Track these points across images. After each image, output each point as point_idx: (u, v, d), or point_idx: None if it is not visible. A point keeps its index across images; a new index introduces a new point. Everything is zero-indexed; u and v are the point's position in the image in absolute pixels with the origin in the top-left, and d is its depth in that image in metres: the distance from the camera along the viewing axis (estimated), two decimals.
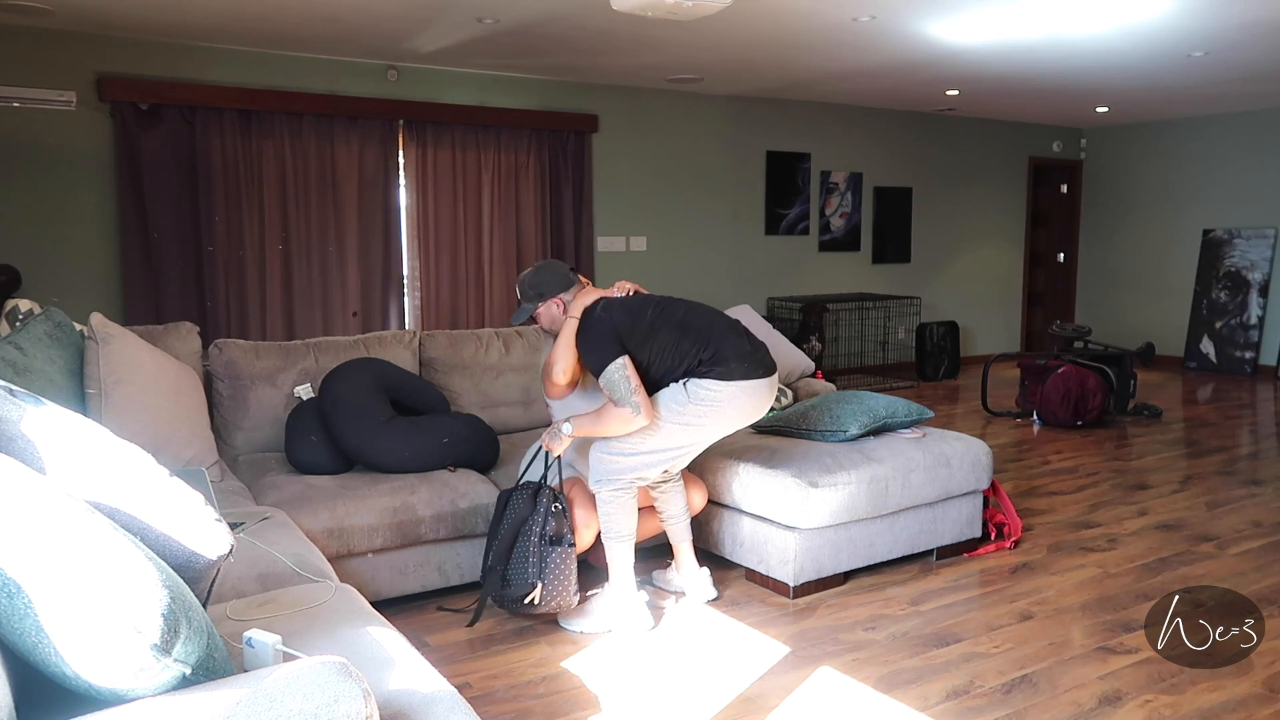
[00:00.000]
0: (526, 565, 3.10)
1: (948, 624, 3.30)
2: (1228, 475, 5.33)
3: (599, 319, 3.15)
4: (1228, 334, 9.33)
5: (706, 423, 3.14)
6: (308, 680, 1.22)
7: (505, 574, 3.15)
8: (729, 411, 3.14)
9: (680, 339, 3.14)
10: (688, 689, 2.84)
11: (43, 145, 5.64)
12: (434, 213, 6.93)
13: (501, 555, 3.16)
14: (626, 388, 3.04)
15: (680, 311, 3.21)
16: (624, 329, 3.13)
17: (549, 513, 3.14)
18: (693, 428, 3.15)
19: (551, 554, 3.10)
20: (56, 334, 3.08)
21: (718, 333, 3.16)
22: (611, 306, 3.19)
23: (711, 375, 3.11)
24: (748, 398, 3.14)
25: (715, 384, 3.11)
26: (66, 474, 1.42)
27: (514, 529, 3.16)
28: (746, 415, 3.19)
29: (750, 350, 3.16)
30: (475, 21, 5.40)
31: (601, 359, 3.07)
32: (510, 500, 3.22)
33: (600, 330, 3.12)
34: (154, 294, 5.95)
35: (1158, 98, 8.29)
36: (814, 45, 6.05)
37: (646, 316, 3.17)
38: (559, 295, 3.29)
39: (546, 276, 3.31)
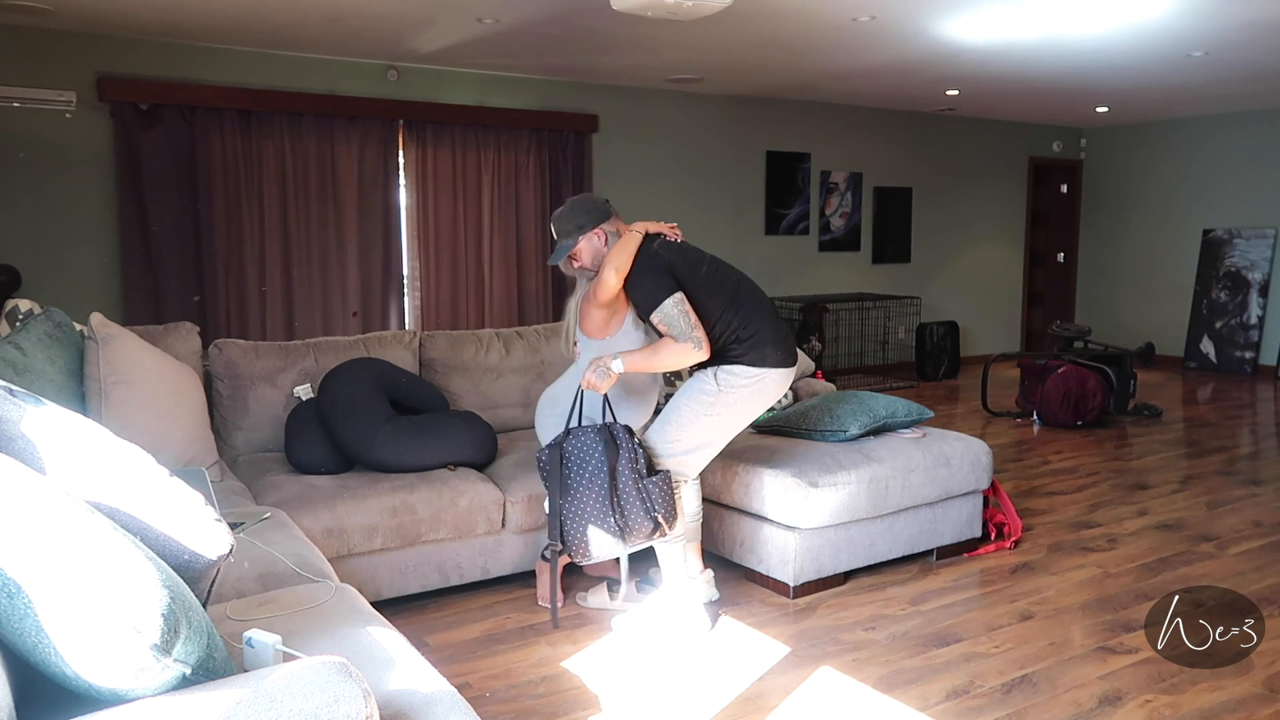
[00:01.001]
0: (638, 504, 3.00)
1: (948, 624, 3.30)
2: (1228, 475, 5.33)
3: (655, 254, 3.03)
4: (1228, 334, 9.33)
5: (737, 412, 3.08)
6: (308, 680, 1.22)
7: (623, 522, 2.99)
8: (758, 401, 3.09)
9: (727, 308, 3.04)
10: (688, 689, 2.84)
11: (43, 145, 5.64)
12: (434, 213, 6.93)
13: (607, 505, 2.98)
14: (686, 323, 2.94)
15: (733, 280, 3.11)
16: (679, 272, 3.02)
17: (634, 448, 3.03)
18: (723, 419, 3.08)
19: (651, 485, 3.02)
20: (56, 334, 3.08)
21: (762, 312, 3.08)
22: (669, 247, 3.09)
23: (744, 360, 3.03)
24: (774, 387, 3.10)
25: (748, 370, 3.03)
26: (66, 474, 1.42)
27: (609, 474, 2.99)
28: (769, 403, 3.15)
29: (786, 335, 3.12)
30: (475, 21, 5.40)
31: (656, 296, 2.97)
32: (570, 449, 3.04)
33: (656, 265, 3.01)
34: (154, 294, 5.95)
35: (1158, 98, 8.29)
36: (814, 45, 6.04)
37: (702, 270, 3.07)
38: (600, 227, 3.13)
39: (584, 209, 3.15)
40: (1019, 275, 10.43)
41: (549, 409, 3.35)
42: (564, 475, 3.02)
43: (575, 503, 3.00)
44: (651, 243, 3.08)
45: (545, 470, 3.06)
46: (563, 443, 3.05)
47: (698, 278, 3.04)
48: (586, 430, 3.05)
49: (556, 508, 3.02)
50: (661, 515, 3.01)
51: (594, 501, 2.98)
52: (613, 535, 2.98)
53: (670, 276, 3.00)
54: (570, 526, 3.01)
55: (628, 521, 2.98)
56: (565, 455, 3.04)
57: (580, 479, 3.01)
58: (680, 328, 2.96)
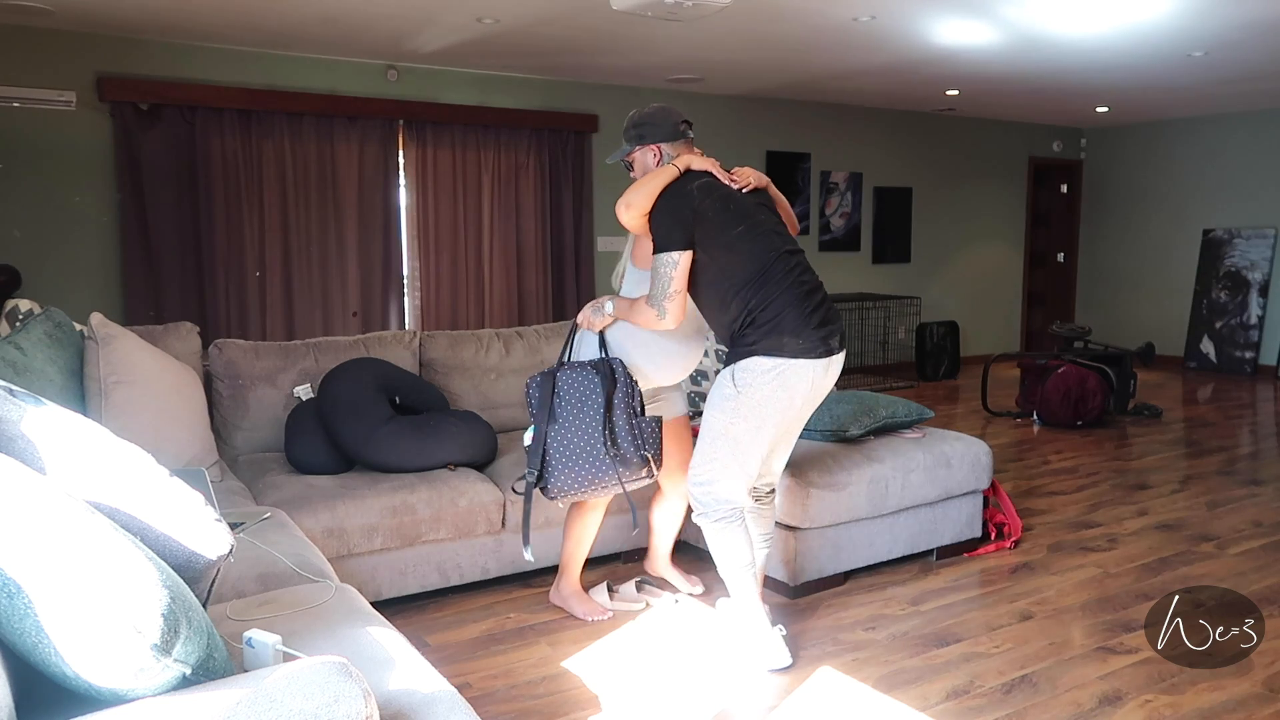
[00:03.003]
0: (629, 441, 2.90)
1: (948, 624, 3.30)
2: (1228, 475, 5.33)
3: (687, 194, 2.76)
4: (1228, 334, 9.33)
5: (767, 414, 2.74)
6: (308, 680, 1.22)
7: (616, 455, 2.89)
8: (789, 398, 2.73)
9: (750, 283, 2.71)
10: (688, 689, 2.84)
11: (43, 145, 5.64)
12: (434, 213, 6.93)
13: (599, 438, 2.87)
14: (665, 286, 2.73)
15: (770, 253, 2.75)
16: (706, 225, 2.73)
17: (630, 384, 2.92)
18: (755, 425, 2.75)
19: (644, 424, 2.94)
20: (56, 334, 3.08)
21: (790, 294, 2.72)
22: (712, 192, 2.78)
23: (759, 350, 2.69)
24: (804, 380, 2.72)
25: (764, 362, 2.69)
26: (66, 474, 1.42)
27: (604, 408, 2.88)
28: (805, 400, 2.79)
29: (819, 324, 2.73)
30: (475, 21, 5.40)
31: (663, 240, 2.74)
32: (564, 381, 2.93)
33: (682, 208, 2.74)
34: (154, 294, 5.95)
35: (1158, 98, 8.29)
36: (814, 45, 6.04)
37: (733, 231, 2.75)
38: (659, 143, 2.91)
39: (654, 119, 2.92)
40: (1019, 275, 10.43)
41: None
42: (554, 406, 2.92)
43: (562, 433, 2.91)
44: (691, 181, 2.79)
45: (533, 398, 2.95)
46: (556, 374, 2.94)
47: (725, 237, 2.73)
48: (583, 364, 2.96)
49: (541, 435, 2.91)
50: (651, 455, 2.93)
51: (583, 434, 2.89)
52: (601, 470, 2.89)
53: (688, 229, 2.72)
54: (554, 458, 2.91)
55: (621, 456, 2.88)
56: (558, 387, 2.94)
57: (570, 410, 2.91)
58: (657, 287, 2.74)
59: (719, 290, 2.76)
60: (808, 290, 2.77)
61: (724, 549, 2.86)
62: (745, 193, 2.86)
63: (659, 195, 2.79)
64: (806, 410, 2.86)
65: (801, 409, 2.82)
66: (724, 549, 2.86)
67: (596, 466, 2.91)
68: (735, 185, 2.86)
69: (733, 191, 2.83)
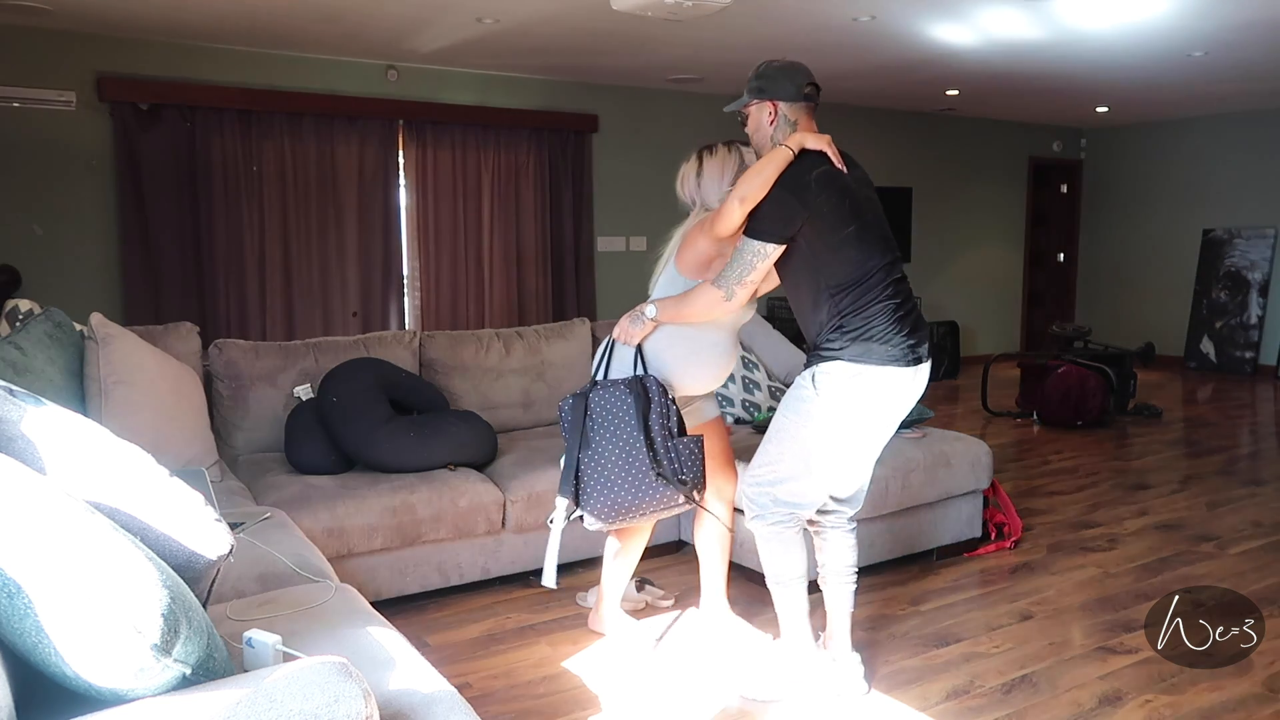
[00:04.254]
0: (665, 465, 2.69)
1: (948, 624, 3.30)
2: (1228, 475, 5.33)
3: (807, 188, 2.54)
4: (1228, 334, 9.33)
5: (845, 422, 2.57)
6: (308, 680, 1.22)
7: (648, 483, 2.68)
8: (868, 406, 2.57)
9: (850, 288, 2.54)
10: (688, 689, 2.83)
11: (43, 145, 5.63)
12: (434, 213, 6.93)
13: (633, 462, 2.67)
14: (743, 273, 2.56)
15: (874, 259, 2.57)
16: (818, 224, 2.53)
17: (667, 404, 2.71)
18: (830, 432, 2.58)
19: (681, 446, 2.71)
20: (56, 334, 3.08)
21: (884, 303, 2.55)
22: (831, 185, 2.56)
23: (843, 356, 2.53)
24: (884, 388, 2.56)
25: (846, 367, 2.53)
26: (66, 474, 1.42)
27: (639, 430, 2.67)
28: (887, 410, 2.62)
29: (909, 334, 2.58)
30: (475, 21, 5.40)
31: (761, 227, 2.55)
32: (596, 402, 2.73)
33: (796, 205, 2.53)
34: (154, 294, 5.95)
35: (1158, 98, 8.29)
36: (814, 45, 6.04)
37: (844, 232, 2.55)
38: (778, 102, 2.68)
39: (777, 74, 2.70)
40: (1019, 275, 10.43)
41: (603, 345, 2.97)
42: (586, 428, 2.72)
43: (596, 457, 2.70)
44: (811, 169, 2.57)
45: (566, 420, 2.76)
46: (588, 394, 2.74)
47: (833, 238, 2.54)
48: (616, 383, 2.74)
49: (574, 461, 2.72)
50: (690, 479, 2.70)
51: (619, 456, 2.67)
52: (642, 494, 2.67)
53: (794, 224, 2.52)
54: (589, 484, 2.71)
55: (653, 483, 2.67)
56: (590, 408, 2.73)
57: (604, 433, 2.69)
58: (735, 270, 2.57)
59: (813, 289, 2.59)
60: (902, 299, 2.61)
61: (775, 556, 2.69)
62: (860, 183, 2.68)
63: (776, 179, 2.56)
64: (889, 422, 2.66)
65: (884, 420, 2.63)
66: (775, 556, 2.69)
67: (637, 490, 2.68)
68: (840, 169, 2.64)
69: (849, 184, 2.63)
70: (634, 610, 3.39)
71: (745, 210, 2.56)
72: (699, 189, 2.90)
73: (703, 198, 2.90)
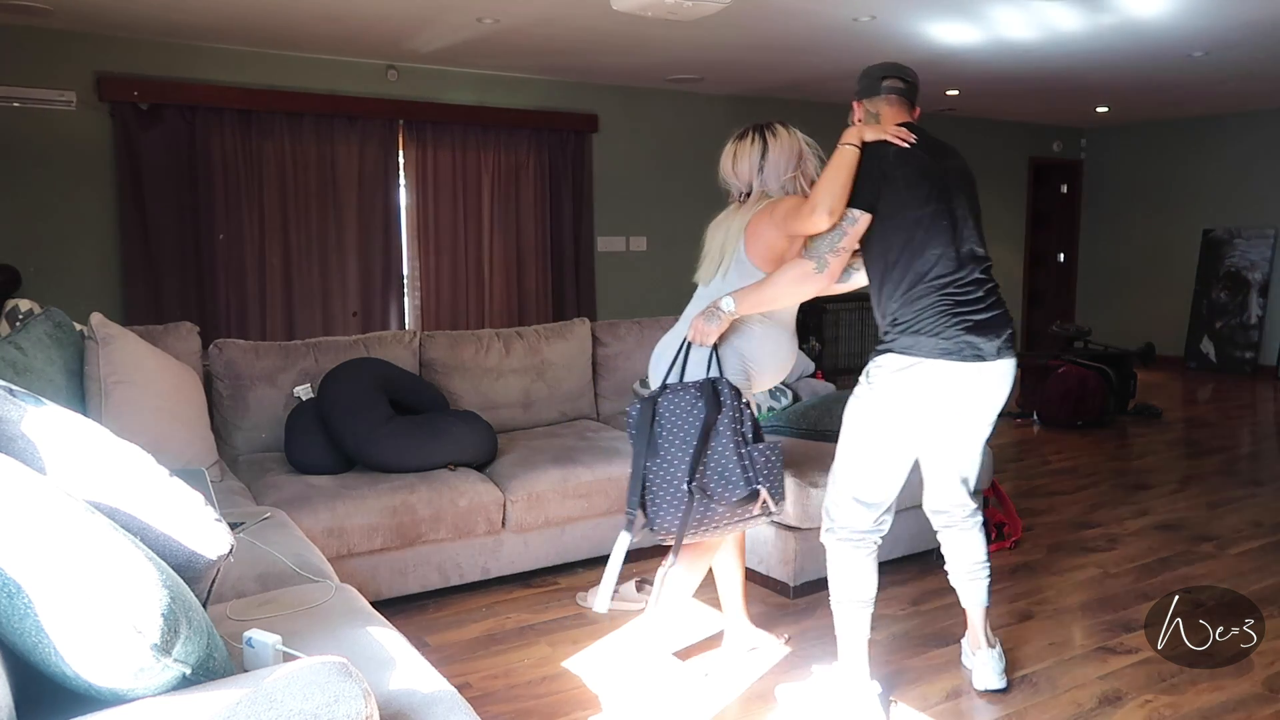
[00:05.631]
0: (734, 470, 2.54)
1: (948, 624, 3.30)
2: (1228, 475, 5.33)
3: (884, 156, 2.51)
4: (1228, 334, 9.33)
5: (899, 416, 2.52)
6: (308, 680, 1.22)
7: (705, 485, 2.54)
8: (920, 400, 2.50)
9: (910, 274, 2.48)
10: (688, 689, 2.83)
11: (43, 145, 5.63)
12: (434, 213, 6.93)
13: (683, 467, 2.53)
14: (835, 240, 2.48)
15: (939, 247, 2.49)
16: (891, 198, 2.49)
17: (739, 408, 2.58)
18: (886, 427, 2.53)
19: (755, 452, 2.57)
20: (56, 334, 3.08)
21: (943, 293, 2.48)
22: (909, 161, 2.51)
23: (895, 348, 2.50)
24: (936, 382, 2.48)
25: (896, 360, 2.49)
26: (66, 474, 1.42)
27: (701, 434, 2.53)
28: (941, 403, 2.52)
29: (970, 328, 2.48)
30: (475, 21, 5.40)
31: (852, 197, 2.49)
32: (665, 407, 2.58)
33: (872, 168, 2.50)
34: (154, 294, 5.95)
35: (1158, 98, 8.29)
36: (814, 45, 6.04)
37: (911, 215, 2.49)
38: (861, 98, 2.70)
39: (863, 75, 2.71)
40: (1019, 275, 10.43)
41: (661, 363, 2.78)
42: (654, 434, 2.57)
43: (665, 466, 2.55)
44: (887, 147, 2.53)
45: (633, 428, 2.61)
46: (657, 399, 2.60)
47: (904, 217, 2.48)
48: (686, 386, 2.60)
49: (640, 470, 2.57)
50: (766, 487, 2.55)
51: (686, 467, 2.53)
52: (705, 508, 2.54)
53: (875, 187, 2.48)
54: (657, 495, 2.55)
55: (725, 491, 2.54)
56: (658, 413, 2.58)
57: (672, 440, 2.55)
58: (825, 240, 2.49)
59: (879, 275, 2.56)
60: (966, 295, 2.51)
61: (840, 575, 2.64)
62: (952, 172, 2.59)
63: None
64: (963, 422, 2.58)
65: (949, 416, 2.55)
66: (840, 575, 2.64)
67: (704, 503, 2.55)
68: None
69: (932, 168, 2.54)
70: (634, 611, 3.39)
71: (833, 220, 2.49)
72: (759, 172, 2.73)
73: (763, 182, 2.73)
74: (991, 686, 2.77)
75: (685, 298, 2.90)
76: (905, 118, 2.64)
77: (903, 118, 2.64)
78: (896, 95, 2.65)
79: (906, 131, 2.55)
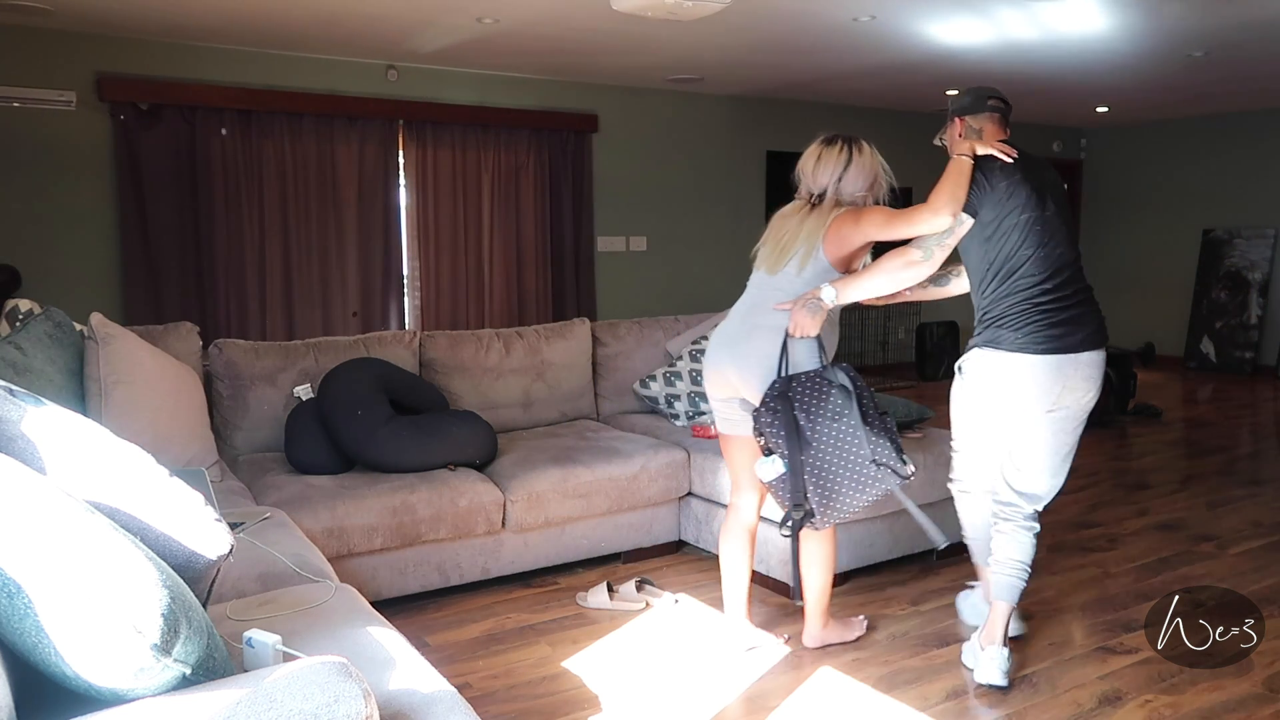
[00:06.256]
0: (885, 443, 2.67)
1: (948, 624, 3.30)
2: (1228, 475, 5.33)
3: (992, 169, 2.75)
4: (1228, 334, 9.33)
5: (990, 405, 2.77)
6: (308, 680, 1.22)
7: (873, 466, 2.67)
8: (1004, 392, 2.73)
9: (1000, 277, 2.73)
10: (688, 689, 2.84)
11: (43, 145, 5.63)
12: (434, 213, 6.93)
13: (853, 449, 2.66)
14: (944, 237, 2.72)
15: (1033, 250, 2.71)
16: (990, 204, 2.73)
17: (863, 384, 2.74)
18: (979, 415, 2.83)
19: (887, 423, 2.73)
20: (56, 334, 3.08)
21: (1025, 294, 2.70)
22: (1011, 175, 2.74)
23: (979, 343, 2.76)
24: (1018, 374, 2.69)
25: (980, 354, 2.76)
26: (66, 474, 1.42)
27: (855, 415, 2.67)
28: (1028, 395, 2.71)
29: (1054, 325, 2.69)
30: (475, 21, 5.40)
31: None
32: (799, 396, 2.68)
33: (984, 174, 2.74)
34: (154, 294, 5.95)
35: (1158, 98, 8.29)
36: (814, 45, 6.04)
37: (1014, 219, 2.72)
38: (963, 114, 2.97)
39: (964, 94, 3.04)
40: None
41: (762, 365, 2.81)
42: (800, 429, 2.66)
43: (822, 455, 2.66)
44: (993, 160, 2.78)
45: (775, 426, 2.67)
46: (787, 395, 2.68)
47: (1001, 224, 2.73)
48: (813, 377, 2.71)
49: (798, 465, 2.66)
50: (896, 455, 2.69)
51: (838, 449, 2.65)
52: (863, 483, 2.66)
53: (982, 197, 2.73)
54: (827, 482, 2.67)
55: (877, 464, 2.66)
56: (795, 407, 2.68)
57: (823, 428, 2.66)
58: (932, 237, 2.72)
59: (977, 275, 2.81)
60: (1052, 296, 2.71)
61: (959, 514, 3.08)
62: (1047, 185, 2.81)
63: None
64: (1045, 414, 2.74)
65: (1034, 407, 2.72)
66: (959, 514, 3.08)
67: (857, 482, 2.68)
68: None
69: (1028, 178, 2.77)
70: (634, 611, 3.39)
71: (954, 219, 2.72)
72: (837, 181, 2.90)
73: (839, 190, 2.91)
74: (994, 682, 2.79)
75: (685, 297, 2.95)
76: (1004, 134, 2.93)
77: (1002, 134, 2.92)
78: (998, 114, 2.96)
79: (1010, 148, 2.80)
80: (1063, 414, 2.76)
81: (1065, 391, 2.72)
